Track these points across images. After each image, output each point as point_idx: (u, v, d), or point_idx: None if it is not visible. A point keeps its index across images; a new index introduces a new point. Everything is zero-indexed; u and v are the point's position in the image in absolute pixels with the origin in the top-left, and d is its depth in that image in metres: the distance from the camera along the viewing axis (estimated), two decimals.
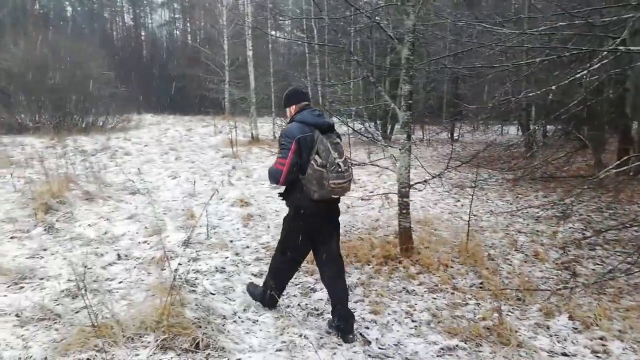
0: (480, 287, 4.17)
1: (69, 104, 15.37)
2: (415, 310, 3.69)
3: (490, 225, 6.24)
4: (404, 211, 4.70)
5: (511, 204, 7.55)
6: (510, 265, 4.78)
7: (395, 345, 3.16)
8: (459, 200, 7.70)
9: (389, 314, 3.61)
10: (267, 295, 3.39)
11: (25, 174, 7.66)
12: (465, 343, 3.17)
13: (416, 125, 16.34)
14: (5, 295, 3.49)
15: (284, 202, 3.27)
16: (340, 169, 2.99)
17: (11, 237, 4.91)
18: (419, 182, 4.69)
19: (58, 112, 15.29)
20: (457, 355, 3.03)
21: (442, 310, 3.68)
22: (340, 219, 3.38)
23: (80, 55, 16.85)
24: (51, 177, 6.75)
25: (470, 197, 5.94)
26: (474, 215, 6.81)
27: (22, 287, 3.67)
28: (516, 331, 3.33)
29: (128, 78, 22.08)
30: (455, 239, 5.38)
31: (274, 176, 3.08)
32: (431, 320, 3.52)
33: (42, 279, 3.82)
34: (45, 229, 5.12)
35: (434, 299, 3.92)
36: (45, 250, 4.57)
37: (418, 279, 4.29)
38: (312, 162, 2.98)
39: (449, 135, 16.84)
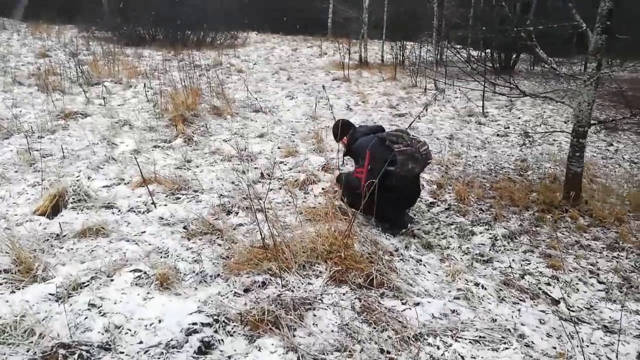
0: None
1: (181, 18, 15.42)
2: (599, 269, 3.19)
3: None
4: (577, 154, 4.04)
5: None
6: None
7: (587, 308, 2.74)
8: (611, 144, 6.70)
9: (570, 270, 3.15)
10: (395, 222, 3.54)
11: (152, 85, 7.81)
12: None
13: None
14: (165, 205, 3.50)
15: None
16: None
17: (154, 146, 5.00)
18: (606, 121, 3.95)
19: (172, 26, 15.48)
20: None
21: (632, 274, 3.15)
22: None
23: None
24: (179, 90, 6.79)
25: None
26: (634, 163, 5.94)
27: (178, 198, 3.68)
28: None
29: None
30: (619, 188, 4.66)
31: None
32: (622, 284, 3.02)
33: (195, 191, 3.80)
34: (185, 141, 5.14)
35: (618, 258, 3.38)
36: (189, 162, 4.58)
37: (590, 233, 3.75)
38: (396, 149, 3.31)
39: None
